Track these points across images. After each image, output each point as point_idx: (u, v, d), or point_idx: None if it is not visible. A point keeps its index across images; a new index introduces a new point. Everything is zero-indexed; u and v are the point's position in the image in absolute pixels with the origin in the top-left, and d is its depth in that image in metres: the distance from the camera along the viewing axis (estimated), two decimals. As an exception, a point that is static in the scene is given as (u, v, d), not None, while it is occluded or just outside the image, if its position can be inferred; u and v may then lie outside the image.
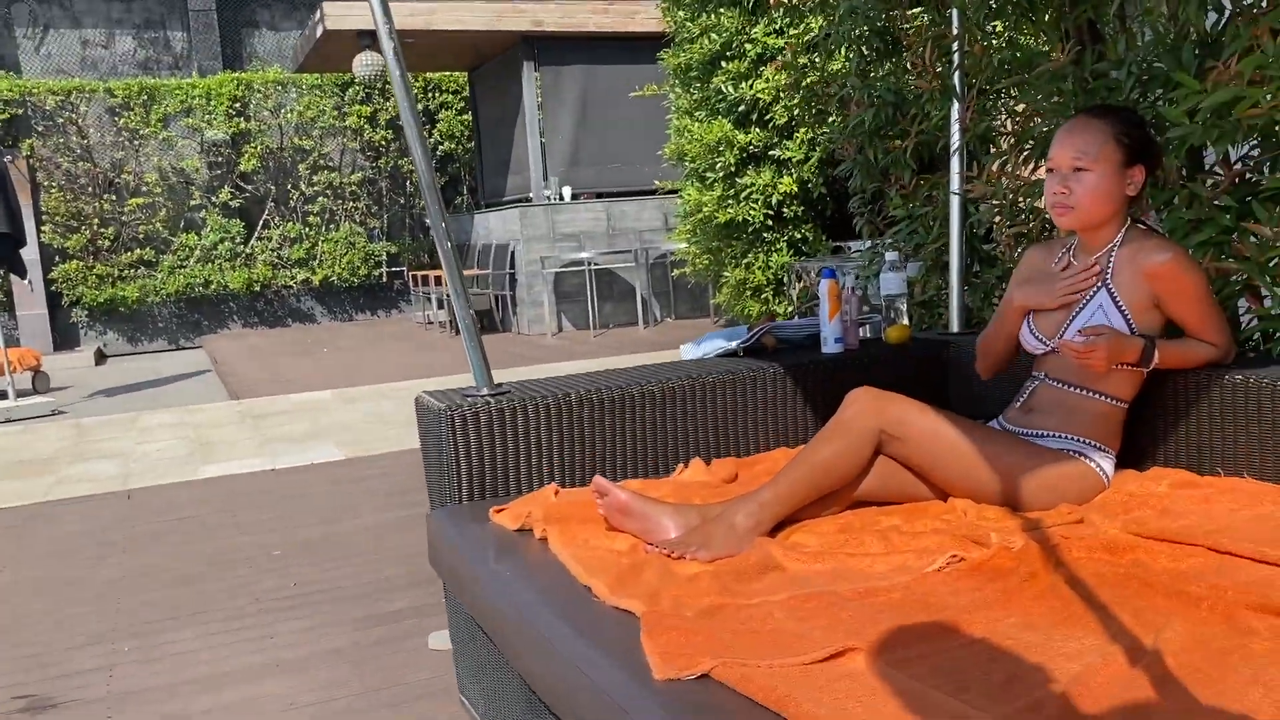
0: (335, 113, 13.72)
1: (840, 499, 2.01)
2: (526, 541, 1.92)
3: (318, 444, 5.68)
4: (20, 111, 12.61)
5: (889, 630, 1.43)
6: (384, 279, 14.19)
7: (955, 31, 2.76)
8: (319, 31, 10.34)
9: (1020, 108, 2.85)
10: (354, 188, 13.95)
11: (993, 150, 2.87)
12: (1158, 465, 2.12)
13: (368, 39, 10.25)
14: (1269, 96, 1.99)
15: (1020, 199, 2.74)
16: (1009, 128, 2.94)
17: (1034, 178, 2.82)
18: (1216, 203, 2.25)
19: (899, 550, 1.76)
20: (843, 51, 3.39)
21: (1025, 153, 2.70)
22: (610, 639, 1.44)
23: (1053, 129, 2.58)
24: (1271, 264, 2.10)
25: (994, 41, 2.78)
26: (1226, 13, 2.24)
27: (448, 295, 11.39)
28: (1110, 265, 2.06)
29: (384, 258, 14.10)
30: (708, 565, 1.74)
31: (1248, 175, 2.28)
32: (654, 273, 11.16)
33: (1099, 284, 2.06)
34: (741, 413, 2.48)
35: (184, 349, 13.22)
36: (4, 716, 2.55)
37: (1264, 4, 2.09)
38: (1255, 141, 2.24)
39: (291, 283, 13.71)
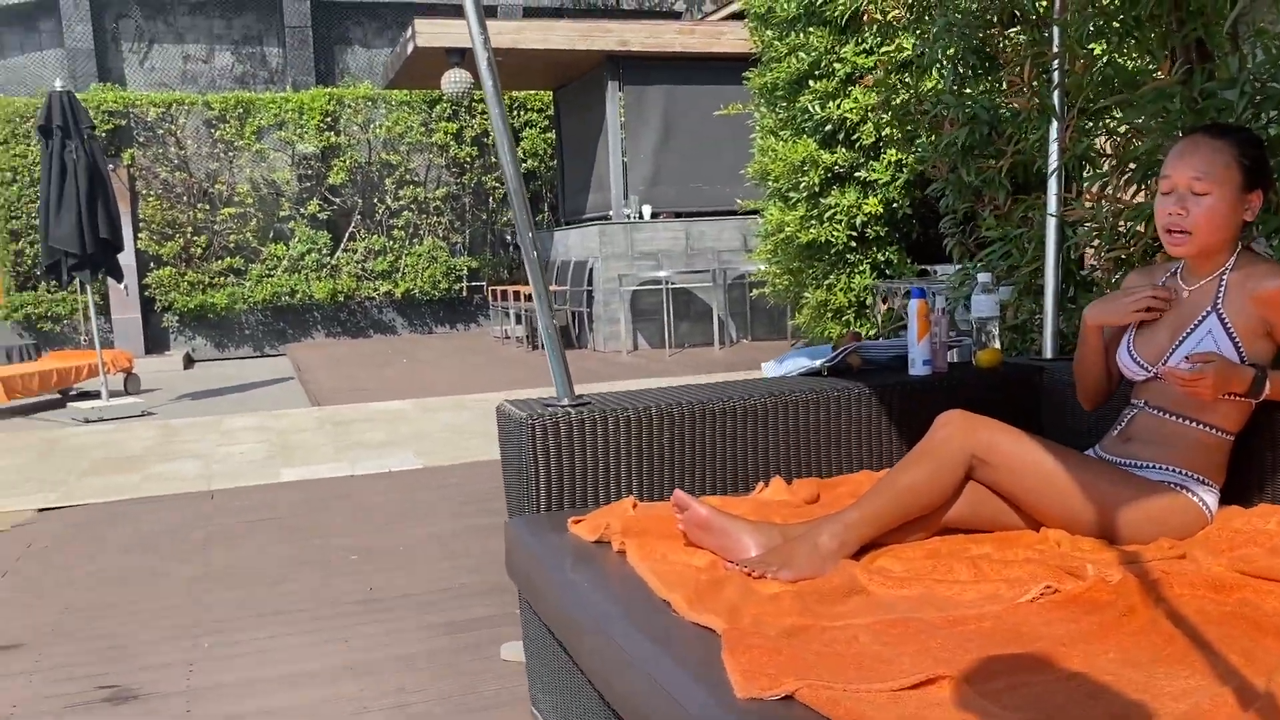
0: (422, 129, 13.97)
1: (928, 525, 1.95)
2: (604, 553, 1.89)
3: (396, 451, 5.74)
4: (123, 123, 13.08)
5: (981, 660, 1.37)
6: (464, 293, 14.37)
7: (1055, 50, 2.69)
8: (410, 49, 10.54)
9: (1121, 128, 2.76)
10: (438, 203, 14.18)
11: (1092, 171, 2.78)
12: (1266, 502, 2.02)
13: (456, 57, 10.41)
14: (1395, 118, 1.89)
15: (1121, 222, 2.65)
16: (1108, 149, 2.85)
17: (1135, 200, 2.73)
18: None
19: (989, 579, 1.70)
20: (936, 70, 3.34)
21: (1127, 175, 2.62)
22: (690, 655, 1.41)
23: (1156, 150, 2.49)
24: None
25: (1095, 60, 2.70)
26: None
27: (525, 311, 11.49)
28: (1221, 290, 1.97)
29: (464, 272, 14.29)
30: (790, 585, 1.70)
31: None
32: (731, 293, 11.11)
33: (1209, 308, 1.97)
34: (824, 433, 2.44)
35: (268, 356, 13.53)
36: (86, 706, 2.60)
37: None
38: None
39: (374, 294, 13.96)
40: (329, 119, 13.65)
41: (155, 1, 14.00)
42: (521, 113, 14.32)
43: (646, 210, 11.07)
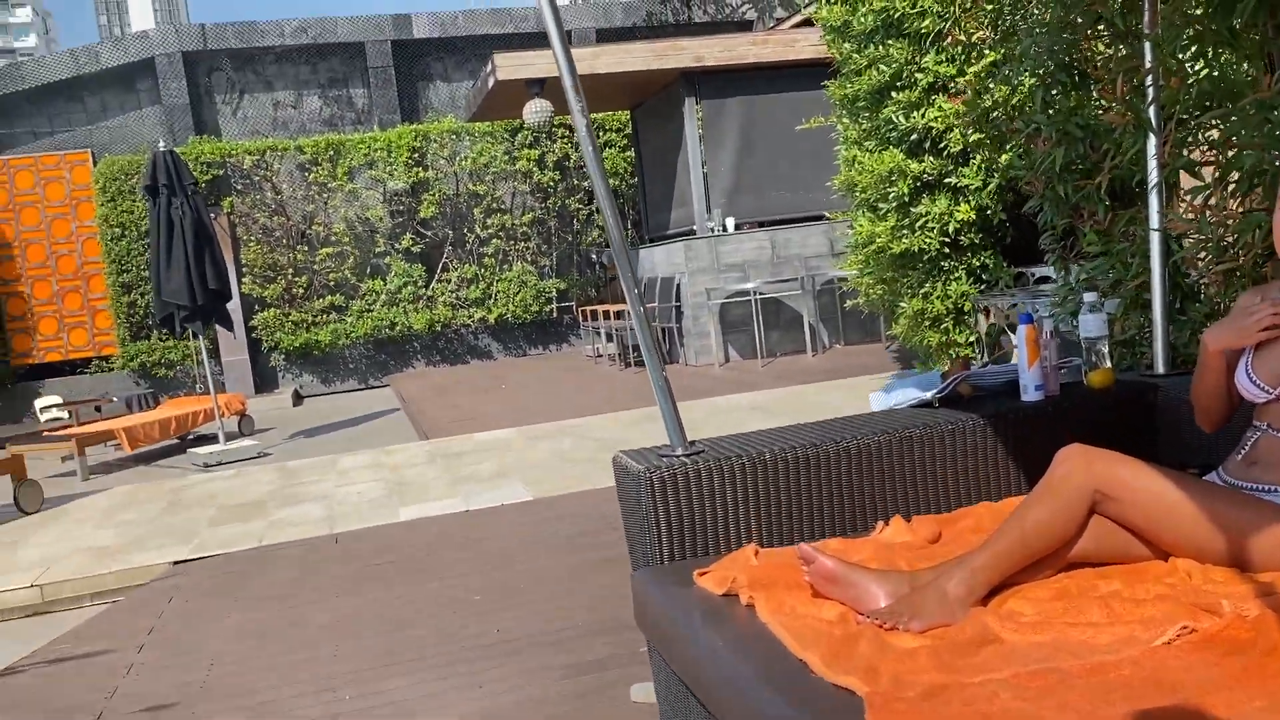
0: (506, 158, 14.24)
1: (1054, 562, 1.96)
2: (733, 607, 1.95)
3: (506, 483, 5.88)
4: (221, 172, 13.62)
5: (1125, 714, 1.39)
6: (554, 314, 14.59)
7: (1148, 63, 2.66)
8: (490, 83, 10.77)
9: (1220, 138, 2.72)
10: (524, 228, 14.44)
11: (1194, 184, 2.74)
12: (1405, 522, 1.97)
13: (536, 87, 10.60)
14: None
15: (1228, 234, 2.61)
16: (1208, 160, 2.80)
17: (1240, 211, 2.68)
18: None
19: (1123, 620, 1.70)
20: (1025, 85, 3.32)
21: (1232, 185, 2.58)
22: (832, 719, 1.45)
23: (1261, 161, 2.45)
24: None
25: (1190, 71, 2.66)
26: None
27: (615, 329, 11.61)
28: (1347, 307, 1.94)
29: (554, 294, 14.51)
30: (923, 638, 1.73)
31: None
32: (821, 299, 11.07)
33: (1329, 328, 1.95)
34: (940, 466, 2.45)
35: (373, 388, 13.93)
36: (243, 758, 2.75)
37: None
38: None
39: (469, 321, 14.27)
40: (416, 154, 14.00)
41: (244, 53, 14.55)
42: (601, 133, 14.49)
43: (730, 222, 11.10)
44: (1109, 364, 2.66)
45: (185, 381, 13.58)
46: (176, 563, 5.05)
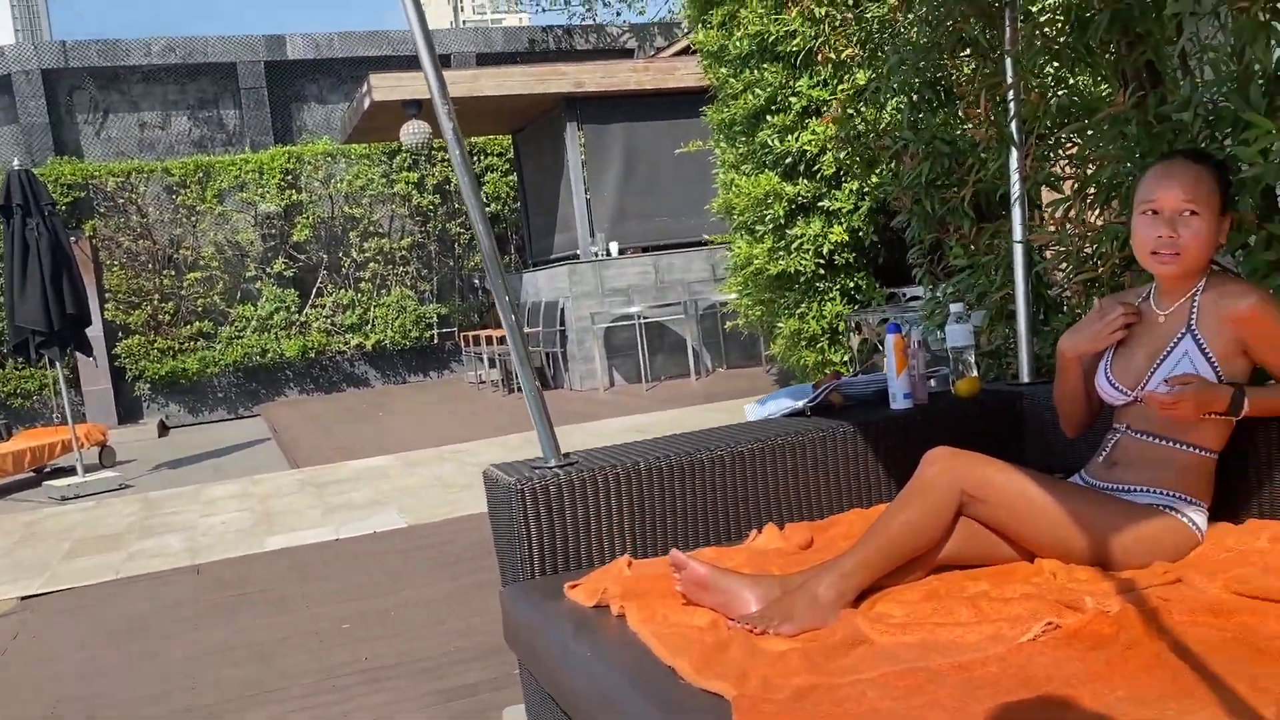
0: (384, 180, 13.98)
1: (924, 564, 1.96)
2: (604, 618, 1.89)
3: (381, 511, 5.70)
4: (83, 194, 13.02)
5: (992, 709, 1.37)
6: (435, 340, 14.34)
7: (1009, 80, 2.74)
8: (366, 103, 10.57)
9: (1080, 154, 2.80)
10: (403, 252, 14.18)
11: (1055, 197, 2.82)
12: (1254, 517, 2.04)
13: (414, 108, 10.45)
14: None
15: (1088, 245, 2.69)
16: (1068, 173, 2.90)
17: (1098, 222, 2.77)
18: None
19: (990, 619, 1.70)
20: (892, 104, 3.38)
21: (1089, 198, 2.66)
22: (702, 725, 1.40)
23: (1117, 174, 2.53)
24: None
25: (1050, 89, 2.75)
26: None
27: (499, 355, 11.47)
28: (1194, 311, 2.00)
29: (435, 319, 14.27)
30: (794, 641, 1.70)
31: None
32: (704, 324, 11.15)
33: (1184, 330, 2.00)
34: (813, 474, 2.44)
35: (243, 418, 13.42)
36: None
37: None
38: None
39: (345, 348, 13.91)
40: (289, 177, 13.64)
41: (108, 72, 13.97)
42: (482, 158, 14.37)
43: (614, 247, 11.12)
44: (975, 373, 2.71)
45: (43, 412, 12.86)
46: (25, 598, 4.73)
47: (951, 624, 1.71)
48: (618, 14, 18.79)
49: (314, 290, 13.90)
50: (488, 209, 14.42)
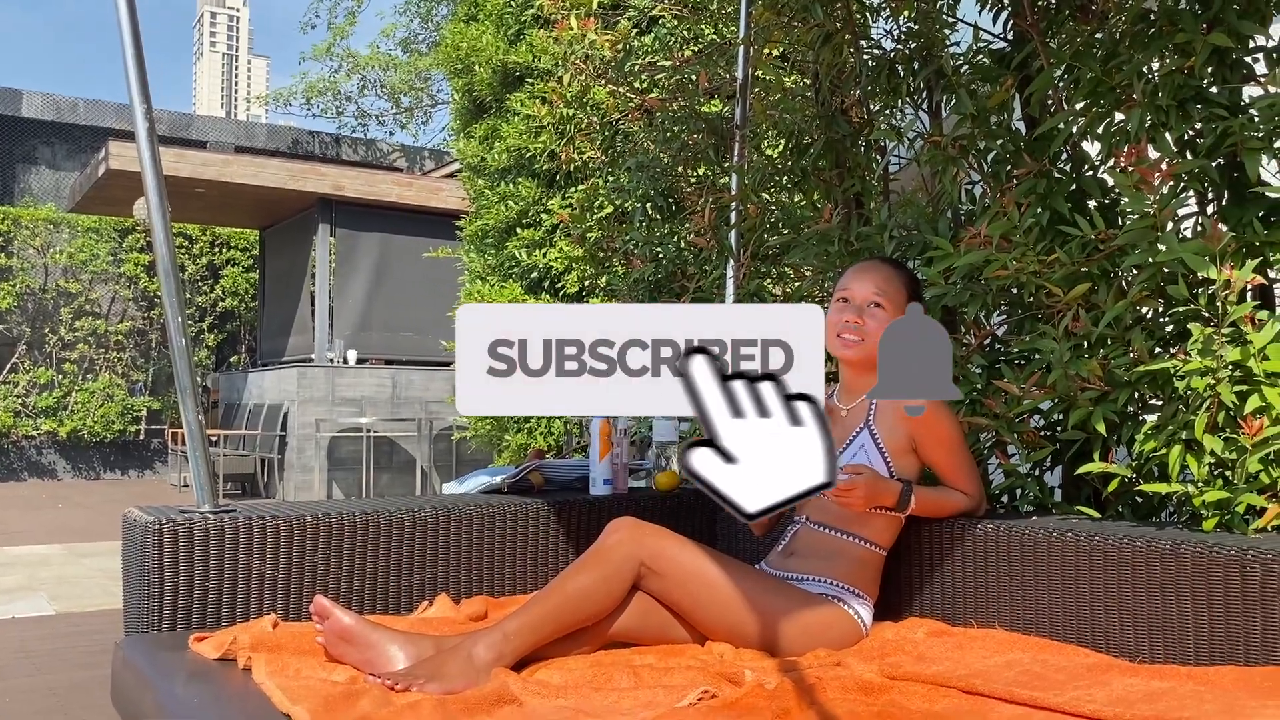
0: (110, 258, 13.00)
1: (593, 636, 1.86)
2: (228, 671, 1.65)
3: (29, 598, 5.00)
4: None
5: (627, 759, 1.27)
6: (141, 436, 13.19)
7: (734, 192, 2.85)
8: (102, 170, 9.89)
9: (791, 272, 2.94)
10: (120, 337, 13.10)
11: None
12: (914, 615, 2.08)
13: (154, 182, 9.86)
14: (1014, 261, 2.10)
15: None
16: (779, 292, 3.03)
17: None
18: (970, 365, 2.34)
19: (648, 685, 1.62)
20: (626, 207, 3.46)
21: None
22: (302, 768, 1.21)
23: (819, 287, 2.66)
24: (1018, 421, 2.18)
25: (768, 205, 2.88)
26: (978, 186, 2.40)
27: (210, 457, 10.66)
28: (873, 408, 2.07)
29: (144, 413, 13.15)
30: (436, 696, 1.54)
31: (996, 339, 2.40)
32: (437, 444, 10.85)
33: (862, 425, 2.07)
34: (499, 550, 2.31)
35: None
36: None
37: (1013, 178, 2.25)
38: (1004, 306, 2.37)
39: (34, 433, 12.52)
40: (1, 239, 12.43)
41: None
42: (225, 250, 13.69)
43: (352, 355, 10.73)
44: (676, 468, 2.70)
45: None
46: None
47: (609, 689, 1.61)
48: (390, 133, 18.78)
49: (8, 366, 12.54)
50: (223, 303, 13.66)
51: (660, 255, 3.14)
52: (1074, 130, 2.21)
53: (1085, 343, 2.05)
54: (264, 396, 11.09)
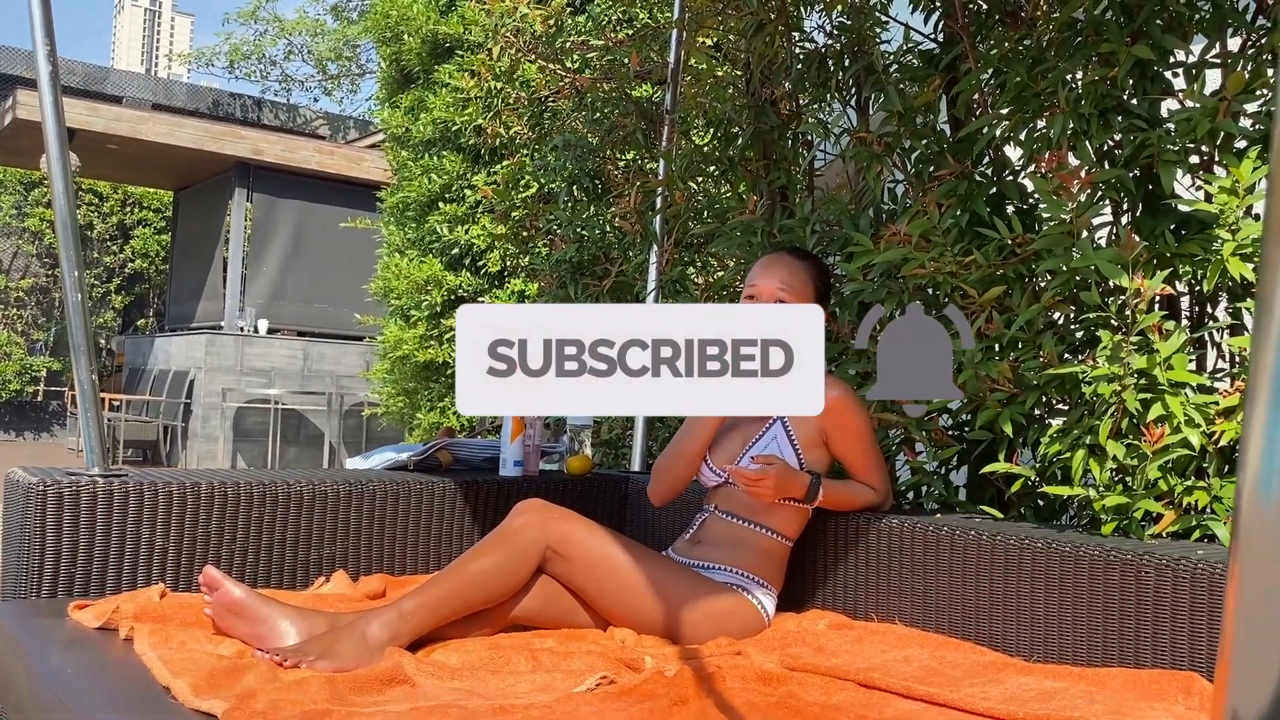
0: (15, 211, 12.48)
1: (494, 619, 1.82)
2: (108, 640, 1.58)
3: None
4: None
5: (519, 744, 1.24)
6: (39, 397, 12.71)
7: (660, 178, 2.83)
8: (8, 119, 9.47)
9: (714, 262, 2.93)
10: (21, 294, 12.60)
11: (687, 296, 2.92)
12: (817, 607, 2.09)
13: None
14: (932, 260, 2.11)
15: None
16: (701, 281, 3.02)
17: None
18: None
19: (546, 669, 1.59)
20: (551, 186, 3.42)
21: (717, 300, 2.76)
22: (177, 744, 1.16)
23: (741, 277, 2.65)
24: (927, 419, 2.20)
25: (693, 193, 2.87)
26: (900, 185, 2.42)
27: (109, 421, 10.31)
28: (785, 398, 2.06)
29: (43, 374, 12.68)
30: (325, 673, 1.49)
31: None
32: (347, 420, 10.65)
33: (775, 417, 2.06)
34: (401, 528, 2.26)
35: None
36: None
37: (935, 178, 2.27)
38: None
39: (-79, 388, 12.01)
40: (-107, 185, 11.86)
41: None
42: (136, 209, 13.24)
43: (263, 325, 10.47)
44: (589, 453, 2.67)
45: None
46: None
47: (506, 672, 1.58)
48: (315, 99, 18.36)
49: (-104, 317, 11.99)
50: (132, 264, 13.22)
51: (584, 237, 3.11)
52: (997, 134, 2.23)
53: (997, 345, 2.07)
54: (170, 362, 10.77)
